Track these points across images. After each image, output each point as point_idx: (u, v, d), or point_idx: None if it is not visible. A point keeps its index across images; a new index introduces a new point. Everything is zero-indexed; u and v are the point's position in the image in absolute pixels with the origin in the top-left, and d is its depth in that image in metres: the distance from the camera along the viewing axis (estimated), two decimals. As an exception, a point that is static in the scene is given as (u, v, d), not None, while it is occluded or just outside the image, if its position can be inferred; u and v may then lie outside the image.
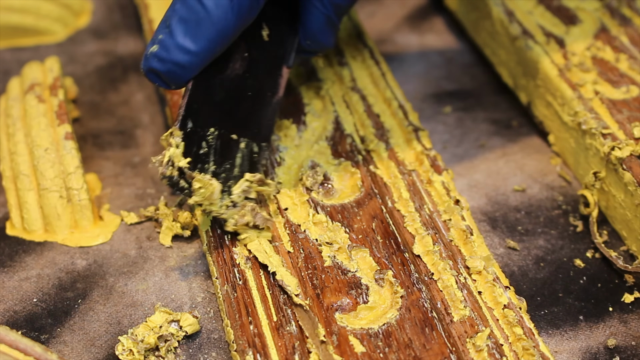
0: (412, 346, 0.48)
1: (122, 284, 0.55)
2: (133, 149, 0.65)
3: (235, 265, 0.52)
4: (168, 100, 0.64)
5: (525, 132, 0.66)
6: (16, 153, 0.60)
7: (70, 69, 0.72)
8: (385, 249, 0.53)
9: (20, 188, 0.59)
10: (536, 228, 0.58)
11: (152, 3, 0.72)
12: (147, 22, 0.71)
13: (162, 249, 0.57)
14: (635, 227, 0.55)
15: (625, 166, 0.55)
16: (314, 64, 0.66)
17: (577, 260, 0.56)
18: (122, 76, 0.72)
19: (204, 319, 0.53)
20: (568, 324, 0.52)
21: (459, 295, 0.50)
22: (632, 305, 0.53)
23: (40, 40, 0.75)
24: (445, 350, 0.48)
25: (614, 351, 0.51)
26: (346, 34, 0.69)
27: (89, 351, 0.51)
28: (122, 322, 0.53)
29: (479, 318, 0.49)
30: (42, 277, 0.55)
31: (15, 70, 0.70)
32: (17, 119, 0.62)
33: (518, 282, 0.54)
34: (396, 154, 0.59)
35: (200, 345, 0.51)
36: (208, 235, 0.54)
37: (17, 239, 0.58)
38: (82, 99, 0.69)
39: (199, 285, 0.55)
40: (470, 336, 0.48)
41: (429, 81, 0.70)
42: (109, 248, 0.57)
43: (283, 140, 0.60)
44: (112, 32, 0.76)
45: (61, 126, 0.60)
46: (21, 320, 0.53)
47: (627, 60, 0.63)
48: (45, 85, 0.64)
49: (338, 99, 0.64)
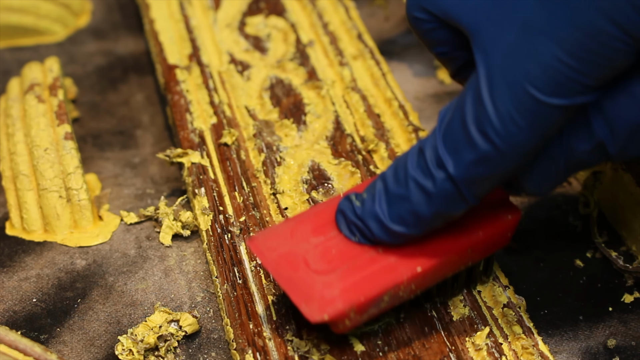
0: (412, 345, 0.48)
1: (122, 284, 0.55)
2: (133, 149, 0.65)
3: (235, 264, 0.52)
4: (169, 100, 0.64)
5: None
6: (16, 153, 0.60)
7: (70, 69, 0.72)
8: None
9: (19, 188, 0.59)
10: (536, 228, 0.58)
11: (153, 3, 0.72)
12: (148, 22, 0.71)
13: (161, 248, 0.57)
14: (635, 227, 0.55)
15: (625, 166, 0.55)
16: (314, 64, 0.66)
17: (577, 260, 0.56)
18: (122, 76, 0.72)
19: (203, 318, 0.53)
20: (568, 324, 0.52)
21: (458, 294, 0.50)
22: (632, 306, 0.53)
23: (40, 40, 0.75)
24: (444, 349, 0.48)
25: (613, 351, 0.51)
26: (347, 34, 0.69)
27: (89, 351, 0.51)
28: (122, 321, 0.53)
29: (478, 317, 0.49)
30: (41, 277, 0.55)
31: (15, 70, 0.70)
32: (16, 119, 0.62)
33: (518, 282, 0.54)
34: (396, 154, 0.59)
35: (200, 345, 0.51)
36: (208, 234, 0.54)
37: (16, 239, 0.58)
38: (81, 99, 0.69)
39: (198, 284, 0.55)
40: (470, 335, 0.48)
41: (429, 81, 0.70)
42: (108, 248, 0.57)
43: (283, 140, 0.60)
44: (112, 32, 0.76)
45: (61, 126, 0.60)
46: (21, 320, 0.53)
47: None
48: (45, 86, 0.64)
49: (338, 99, 0.64)
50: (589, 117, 0.43)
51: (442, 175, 0.43)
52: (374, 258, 0.46)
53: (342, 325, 0.45)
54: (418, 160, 0.44)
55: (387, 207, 0.45)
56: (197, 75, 0.65)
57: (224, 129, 0.61)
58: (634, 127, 0.43)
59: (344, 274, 0.45)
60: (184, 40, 0.68)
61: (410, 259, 0.46)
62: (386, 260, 0.46)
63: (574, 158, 0.44)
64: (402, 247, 0.46)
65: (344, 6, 0.72)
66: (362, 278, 0.45)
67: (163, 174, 0.62)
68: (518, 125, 0.42)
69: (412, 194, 0.44)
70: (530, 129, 0.42)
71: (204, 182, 0.58)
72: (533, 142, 0.42)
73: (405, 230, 0.45)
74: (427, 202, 0.44)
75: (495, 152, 0.42)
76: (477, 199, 0.44)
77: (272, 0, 0.73)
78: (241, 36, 0.69)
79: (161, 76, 0.67)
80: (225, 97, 0.64)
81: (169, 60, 0.67)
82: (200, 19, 0.71)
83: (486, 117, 0.42)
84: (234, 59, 0.67)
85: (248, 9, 0.72)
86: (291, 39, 0.69)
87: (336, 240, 0.47)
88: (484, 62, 0.43)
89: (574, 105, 0.42)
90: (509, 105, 0.42)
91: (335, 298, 0.45)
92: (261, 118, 0.62)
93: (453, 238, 0.47)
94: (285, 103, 0.63)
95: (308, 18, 0.71)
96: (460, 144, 0.43)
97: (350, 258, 0.46)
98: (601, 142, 0.44)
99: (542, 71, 0.41)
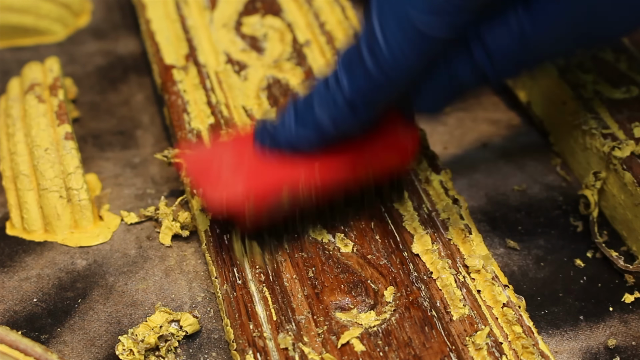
0: (412, 345, 0.48)
1: (122, 284, 0.55)
2: (133, 149, 0.65)
3: (234, 265, 0.52)
4: (166, 100, 0.64)
5: (525, 132, 0.66)
6: (16, 153, 0.60)
7: (70, 69, 0.72)
8: (384, 248, 0.53)
9: (20, 188, 0.59)
10: (536, 228, 0.58)
11: (149, 3, 0.72)
12: (144, 23, 0.71)
13: (162, 248, 0.57)
14: (635, 227, 0.55)
15: (625, 166, 0.55)
16: (311, 64, 0.66)
17: (577, 260, 0.56)
18: (122, 76, 0.72)
19: (204, 318, 0.53)
20: (568, 324, 0.52)
21: (458, 294, 0.50)
22: (633, 306, 0.53)
23: (40, 40, 0.75)
24: (445, 348, 0.48)
25: (614, 351, 0.51)
26: (343, 33, 0.69)
27: (89, 351, 0.51)
28: (122, 321, 0.53)
29: (478, 316, 0.49)
30: (42, 277, 0.55)
31: (15, 70, 0.70)
32: (17, 119, 0.62)
33: (518, 281, 0.54)
34: (396, 153, 0.59)
35: (201, 345, 0.51)
36: (207, 234, 0.54)
37: (17, 239, 0.58)
38: (82, 99, 0.69)
39: (199, 285, 0.55)
40: (470, 335, 0.48)
41: (429, 81, 0.70)
42: (109, 248, 0.57)
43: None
44: (112, 32, 0.76)
45: (61, 126, 0.60)
46: (21, 320, 0.53)
47: (627, 60, 0.63)
48: (45, 86, 0.64)
49: (338, 99, 0.64)
50: (470, 44, 0.48)
51: (339, 93, 0.48)
52: (278, 167, 0.51)
53: (245, 221, 0.50)
54: (323, 79, 0.50)
55: (295, 122, 0.50)
56: (194, 75, 0.65)
57: (222, 129, 0.61)
58: (509, 55, 0.48)
59: (248, 175, 0.50)
60: (180, 41, 0.68)
61: (310, 166, 0.50)
62: (288, 167, 0.50)
63: (456, 81, 0.49)
64: (305, 160, 0.51)
65: (341, 6, 0.72)
66: (263, 176, 0.50)
67: (163, 174, 0.62)
68: (403, 51, 0.46)
69: (315, 109, 0.49)
70: (414, 53, 0.47)
71: (204, 182, 0.58)
72: (417, 66, 0.47)
73: (307, 146, 0.50)
74: (329, 117, 0.49)
75: (382, 74, 0.47)
76: (368, 114, 0.49)
77: (269, 0, 0.73)
78: (238, 36, 0.69)
79: (158, 76, 0.67)
80: (223, 97, 0.63)
81: (165, 60, 0.67)
82: (196, 19, 0.71)
83: (376, 43, 0.47)
84: (230, 59, 0.67)
85: (244, 8, 0.72)
86: (288, 38, 0.69)
87: (246, 153, 0.52)
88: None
89: (453, 30, 0.46)
90: (395, 31, 0.46)
91: (236, 187, 0.50)
92: (259, 118, 0.62)
93: (352, 156, 0.51)
94: (282, 103, 0.63)
95: (304, 18, 0.71)
96: (355, 64, 0.48)
97: (258, 167, 0.51)
98: (481, 68, 0.48)
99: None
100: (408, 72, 0.47)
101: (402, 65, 0.47)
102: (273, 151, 0.51)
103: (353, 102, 0.48)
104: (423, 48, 0.46)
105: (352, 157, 0.51)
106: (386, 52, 0.46)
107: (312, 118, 0.50)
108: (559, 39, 0.48)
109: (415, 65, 0.47)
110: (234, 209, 0.50)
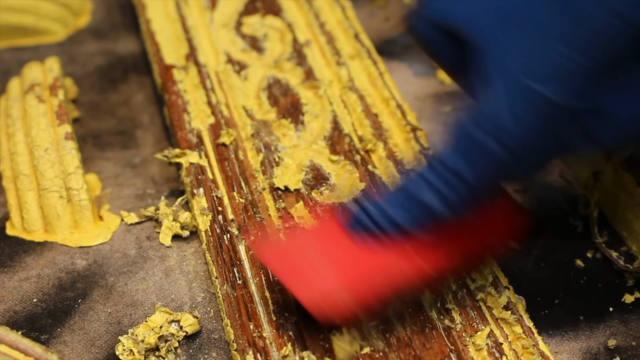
0: (412, 345, 0.48)
1: (122, 284, 0.55)
2: (133, 149, 0.65)
3: (234, 265, 0.52)
4: (166, 100, 0.64)
5: (525, 132, 0.66)
6: (16, 153, 0.60)
7: (70, 69, 0.72)
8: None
9: (20, 188, 0.59)
10: (536, 228, 0.58)
11: (149, 3, 0.72)
12: (144, 23, 0.71)
13: (162, 248, 0.57)
14: (635, 227, 0.55)
15: (625, 166, 0.55)
16: (311, 64, 0.66)
17: (577, 260, 0.56)
18: (122, 76, 0.72)
19: (204, 318, 0.53)
20: (568, 324, 0.52)
21: (459, 294, 0.50)
22: (633, 306, 0.53)
23: (40, 40, 0.75)
24: (445, 349, 0.48)
25: (614, 351, 0.51)
26: (344, 33, 0.69)
27: (89, 351, 0.51)
28: (122, 322, 0.53)
29: (479, 317, 0.49)
30: (42, 277, 0.55)
31: (15, 70, 0.70)
32: (17, 119, 0.62)
33: (518, 282, 0.54)
34: (395, 153, 0.59)
35: (201, 345, 0.51)
36: (207, 235, 0.54)
37: (17, 239, 0.58)
38: (82, 99, 0.69)
39: (199, 285, 0.55)
40: (470, 335, 0.48)
41: (429, 81, 0.70)
42: (109, 248, 0.57)
43: (281, 140, 0.60)
44: (112, 32, 0.76)
45: (61, 126, 0.60)
46: (21, 320, 0.53)
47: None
48: (45, 86, 0.64)
49: (336, 99, 0.64)
50: (593, 119, 0.44)
51: (460, 184, 0.45)
52: (379, 257, 0.46)
53: (341, 319, 0.46)
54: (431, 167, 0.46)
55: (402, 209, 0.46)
56: (195, 75, 0.65)
57: (222, 129, 0.61)
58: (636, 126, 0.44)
59: (347, 270, 0.46)
60: (180, 40, 0.68)
61: (418, 259, 0.46)
62: (392, 258, 0.46)
63: (564, 145, 0.45)
64: (411, 247, 0.46)
65: (341, 6, 0.72)
66: (366, 273, 0.46)
67: (163, 174, 0.62)
68: (532, 127, 0.43)
69: (425, 195, 0.45)
70: (542, 129, 0.43)
71: (203, 183, 0.58)
72: (546, 143, 0.44)
73: (415, 227, 0.46)
74: (439, 198, 0.45)
75: (511, 156, 0.43)
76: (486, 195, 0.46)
77: (269, 0, 0.73)
78: (238, 36, 0.69)
79: (158, 76, 0.67)
80: (223, 97, 0.64)
81: (165, 60, 0.67)
82: (196, 18, 0.71)
83: (500, 122, 0.43)
84: (231, 59, 0.67)
85: (244, 8, 0.72)
86: (288, 38, 0.69)
87: (341, 244, 0.47)
88: (494, 67, 0.43)
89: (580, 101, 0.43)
90: (522, 107, 0.42)
91: (338, 289, 0.45)
92: (259, 118, 0.62)
93: (461, 243, 0.48)
94: (282, 103, 0.63)
95: (304, 18, 0.71)
96: (475, 151, 0.44)
97: (355, 256, 0.46)
98: (597, 136, 0.45)
99: (548, 68, 0.42)
100: (537, 148, 0.44)
101: (531, 141, 0.43)
102: (375, 237, 0.46)
103: (475, 188, 0.45)
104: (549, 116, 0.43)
105: (462, 244, 0.48)
106: (514, 130, 0.43)
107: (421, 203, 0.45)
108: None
109: (542, 138, 0.43)
110: (336, 312, 0.45)
